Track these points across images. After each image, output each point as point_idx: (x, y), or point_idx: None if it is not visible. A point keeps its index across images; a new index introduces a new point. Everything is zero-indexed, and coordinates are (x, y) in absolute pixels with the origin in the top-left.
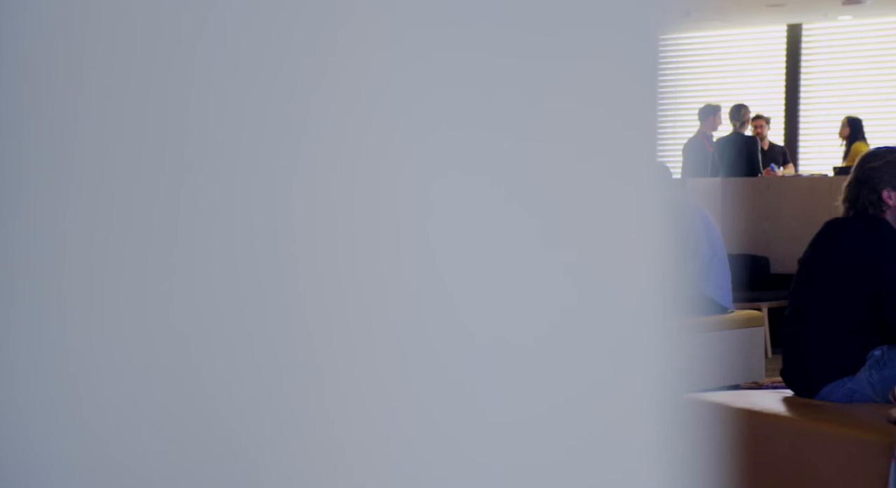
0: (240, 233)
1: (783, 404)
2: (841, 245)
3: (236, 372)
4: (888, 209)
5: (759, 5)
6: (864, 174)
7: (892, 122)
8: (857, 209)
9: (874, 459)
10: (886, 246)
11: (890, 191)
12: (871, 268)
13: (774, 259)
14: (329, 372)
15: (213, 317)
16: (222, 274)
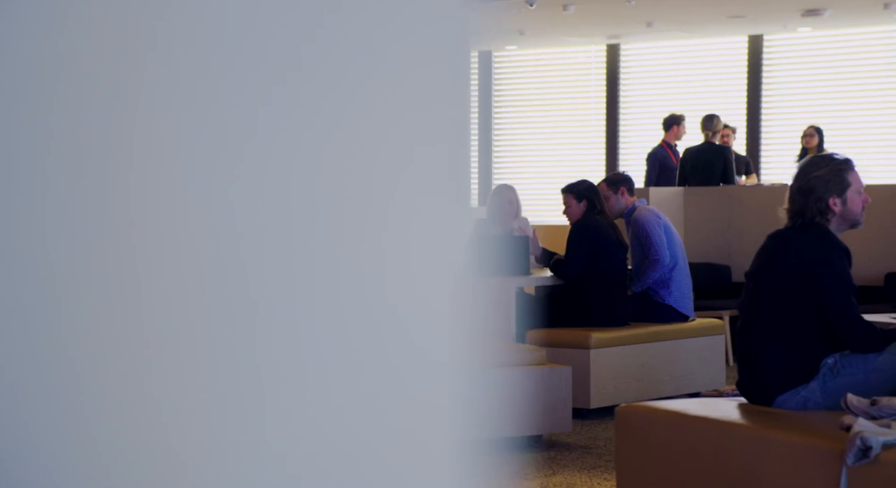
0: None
1: (738, 412)
2: (785, 256)
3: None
4: (833, 216)
5: (720, 16)
6: (808, 184)
7: (852, 131)
8: (804, 219)
9: (826, 466)
10: (828, 255)
11: (835, 199)
12: (815, 278)
13: (736, 267)
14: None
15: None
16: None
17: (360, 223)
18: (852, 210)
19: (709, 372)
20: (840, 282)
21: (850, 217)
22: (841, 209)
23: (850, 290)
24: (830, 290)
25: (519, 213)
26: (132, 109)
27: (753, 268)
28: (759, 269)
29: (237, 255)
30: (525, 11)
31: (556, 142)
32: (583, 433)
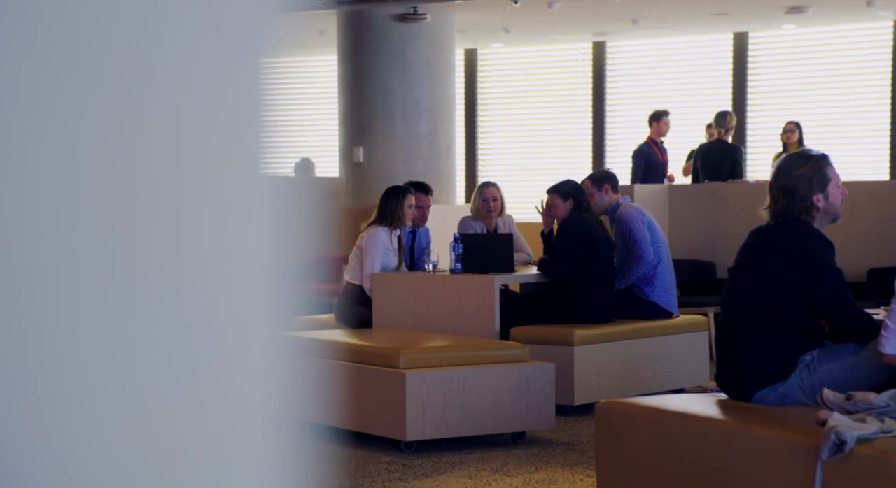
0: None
1: (716, 408)
2: (772, 252)
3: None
4: (817, 213)
5: (704, 14)
6: (790, 183)
7: (836, 128)
8: (788, 217)
9: (802, 460)
10: (819, 249)
11: (818, 195)
12: (808, 273)
13: (721, 264)
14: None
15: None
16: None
17: (161, 220)
18: (833, 204)
19: (692, 368)
20: (835, 273)
21: (831, 211)
22: (824, 204)
23: (844, 281)
24: (827, 283)
25: (503, 211)
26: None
27: (737, 263)
28: (744, 265)
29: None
30: (510, 9)
31: (542, 139)
32: (566, 429)
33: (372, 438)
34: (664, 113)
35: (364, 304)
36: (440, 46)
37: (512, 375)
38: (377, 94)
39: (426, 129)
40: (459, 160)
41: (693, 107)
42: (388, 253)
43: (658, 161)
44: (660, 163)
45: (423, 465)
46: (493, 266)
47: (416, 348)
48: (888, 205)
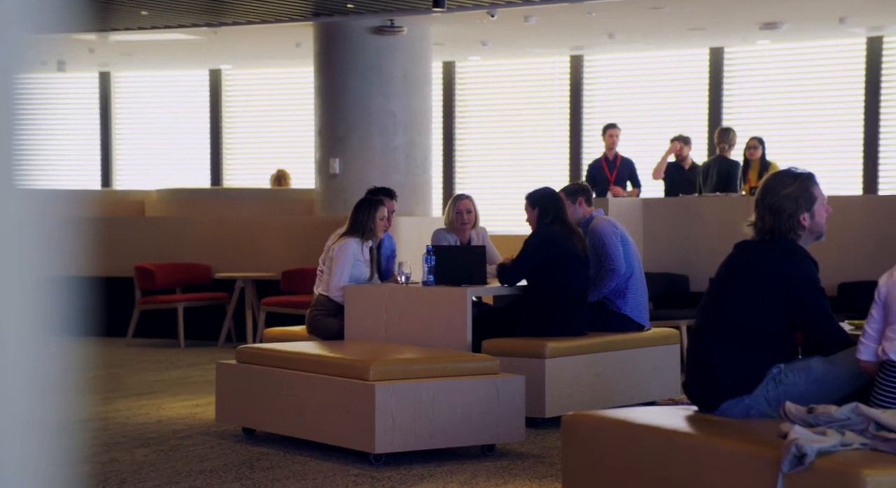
0: None
1: (681, 420)
2: (759, 268)
3: None
4: (803, 231)
5: (680, 29)
6: (778, 202)
7: (810, 143)
8: (774, 235)
9: (764, 472)
10: (807, 270)
11: (805, 214)
12: (794, 292)
13: (694, 277)
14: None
15: None
16: None
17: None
18: (819, 223)
19: (664, 381)
20: (820, 291)
21: (816, 229)
22: (810, 223)
23: (827, 299)
24: (812, 300)
25: (477, 223)
26: None
27: (720, 275)
28: (727, 277)
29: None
30: (487, 22)
31: (518, 152)
32: (536, 442)
33: (341, 450)
34: (609, 126)
35: (336, 316)
36: (417, 59)
37: (482, 388)
38: (354, 106)
39: (402, 142)
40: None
41: (669, 121)
42: (360, 264)
43: (603, 175)
44: (604, 178)
45: (391, 478)
46: (466, 278)
47: (385, 360)
48: (860, 219)
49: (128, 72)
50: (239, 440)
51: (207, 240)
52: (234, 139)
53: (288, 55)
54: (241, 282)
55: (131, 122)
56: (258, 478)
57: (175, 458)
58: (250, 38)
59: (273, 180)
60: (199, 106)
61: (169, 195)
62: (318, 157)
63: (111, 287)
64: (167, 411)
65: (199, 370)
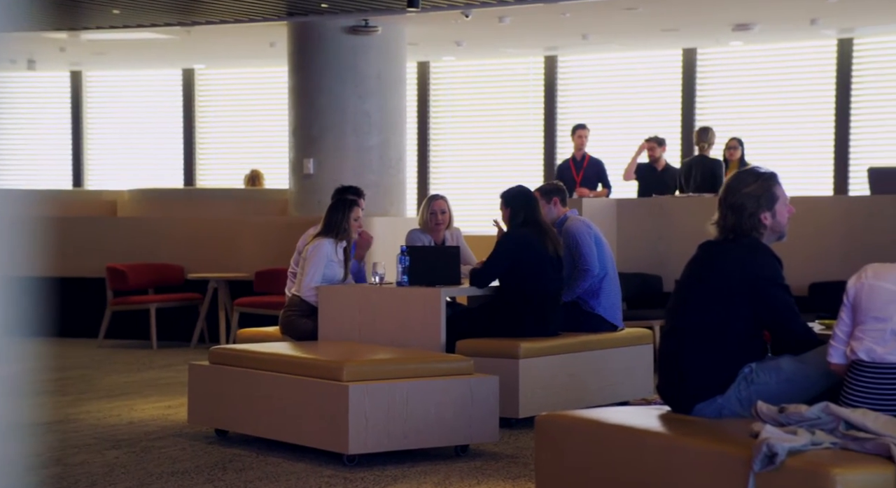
0: None
1: (654, 420)
2: (723, 267)
3: None
4: (765, 230)
5: (653, 30)
6: (739, 200)
7: (781, 144)
8: (737, 234)
9: (735, 472)
10: (771, 268)
11: (766, 213)
12: (758, 290)
13: (667, 278)
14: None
15: None
16: None
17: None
18: (780, 222)
19: (637, 381)
20: (784, 288)
21: (778, 229)
22: (771, 222)
23: (791, 297)
24: (776, 298)
25: (451, 224)
26: None
27: (685, 276)
28: (692, 278)
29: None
30: (462, 22)
31: (493, 152)
32: (510, 442)
33: (314, 451)
34: (578, 126)
35: (309, 317)
36: (392, 59)
37: (456, 388)
38: (328, 106)
39: (377, 142)
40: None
41: (643, 121)
42: (334, 264)
43: (570, 176)
44: (571, 179)
45: (364, 479)
46: (440, 279)
47: (359, 361)
48: (831, 220)
49: (100, 71)
50: (211, 441)
51: (180, 241)
52: (207, 139)
53: (262, 55)
54: (214, 282)
55: (103, 121)
56: (230, 480)
57: (146, 460)
58: (224, 38)
59: (247, 180)
60: (172, 105)
61: (141, 195)
62: (292, 158)
63: (82, 287)
64: (139, 412)
65: (171, 371)
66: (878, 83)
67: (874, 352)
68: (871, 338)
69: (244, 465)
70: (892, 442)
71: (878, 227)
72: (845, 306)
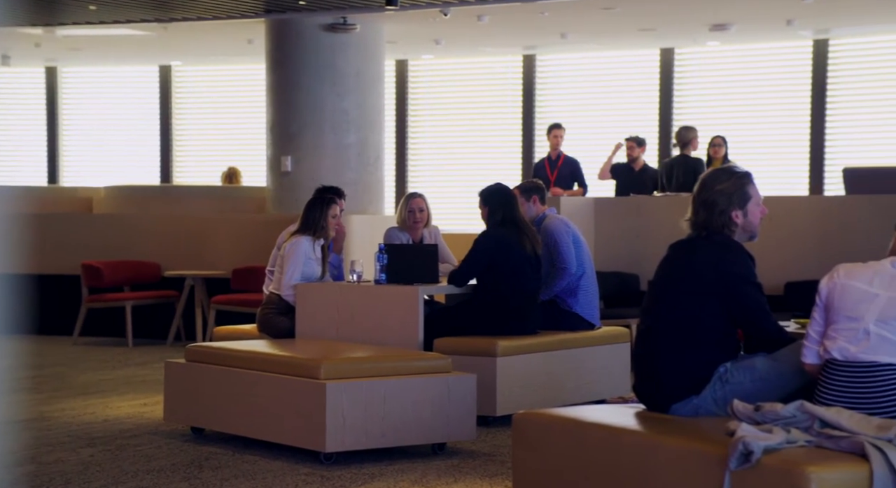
0: None
1: (631, 418)
2: (695, 265)
3: None
4: (736, 228)
5: (631, 29)
6: (711, 197)
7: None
8: (709, 230)
9: (711, 470)
10: (743, 263)
11: (737, 211)
12: (731, 287)
13: (644, 276)
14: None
15: None
16: None
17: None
18: (752, 222)
19: (614, 379)
20: (756, 286)
21: (749, 228)
22: (742, 221)
23: (763, 295)
24: (748, 296)
25: (429, 222)
26: None
27: (658, 276)
28: (665, 277)
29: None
30: (440, 21)
31: (471, 151)
32: (487, 441)
33: (291, 450)
34: (553, 126)
35: (287, 315)
36: (370, 57)
37: (433, 386)
38: (306, 104)
39: (355, 140)
40: (389, 171)
41: (620, 121)
42: (312, 262)
43: (544, 175)
44: (545, 178)
45: (341, 477)
46: (418, 277)
47: (337, 359)
48: (806, 219)
49: (75, 67)
50: (187, 439)
51: (157, 238)
52: (184, 136)
53: (239, 52)
54: (190, 280)
55: (79, 118)
56: (207, 478)
57: (122, 458)
58: (201, 35)
59: (224, 178)
60: (149, 102)
61: (117, 192)
62: (270, 155)
63: (58, 285)
64: (114, 410)
65: (147, 369)
66: (854, 84)
67: (847, 350)
68: (845, 337)
69: (220, 463)
70: (867, 440)
71: (852, 227)
72: (818, 306)
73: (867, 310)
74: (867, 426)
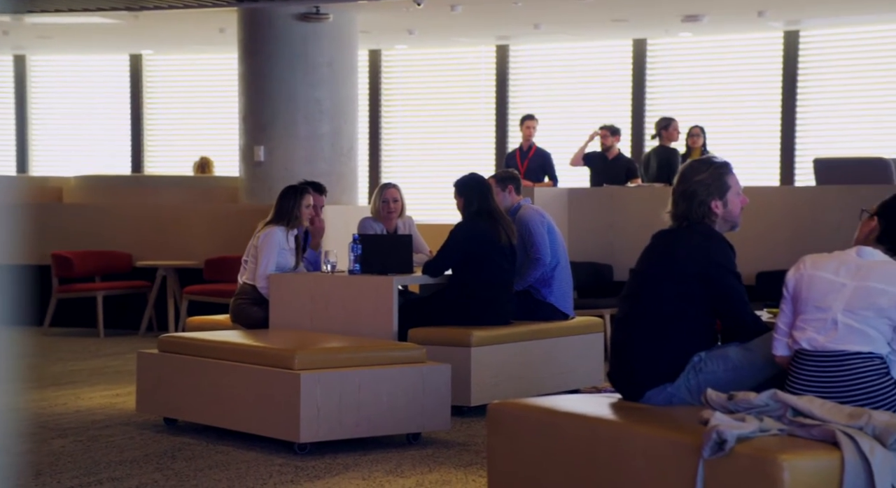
0: None
1: (605, 408)
2: (677, 254)
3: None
4: (717, 217)
5: (604, 19)
6: (691, 187)
7: (730, 134)
8: (690, 221)
9: (685, 459)
10: (724, 255)
11: (717, 201)
12: (712, 276)
13: (618, 267)
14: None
15: None
16: None
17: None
18: (732, 211)
19: (588, 369)
20: (736, 276)
21: (729, 218)
22: (722, 211)
23: (742, 285)
24: (728, 285)
25: (403, 212)
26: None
27: (640, 264)
28: (648, 266)
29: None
30: (413, 11)
31: (445, 141)
32: (462, 430)
33: (264, 440)
34: (526, 117)
35: (260, 305)
36: (343, 47)
37: (408, 376)
38: (279, 94)
39: (328, 130)
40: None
41: (594, 111)
42: (286, 252)
43: (514, 165)
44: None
45: (316, 467)
46: (392, 267)
47: (311, 349)
48: (777, 209)
49: (44, 55)
50: (160, 430)
51: (128, 228)
52: (155, 125)
53: (211, 41)
54: (162, 270)
55: (48, 106)
56: (180, 469)
57: (93, 449)
58: (172, 23)
59: (196, 167)
60: (120, 91)
61: (88, 182)
62: (243, 145)
63: (28, 275)
64: (85, 401)
65: (119, 359)
66: (824, 75)
67: (816, 341)
68: (814, 327)
69: (194, 454)
70: (838, 428)
71: (823, 217)
72: (785, 298)
73: (835, 300)
74: (839, 414)
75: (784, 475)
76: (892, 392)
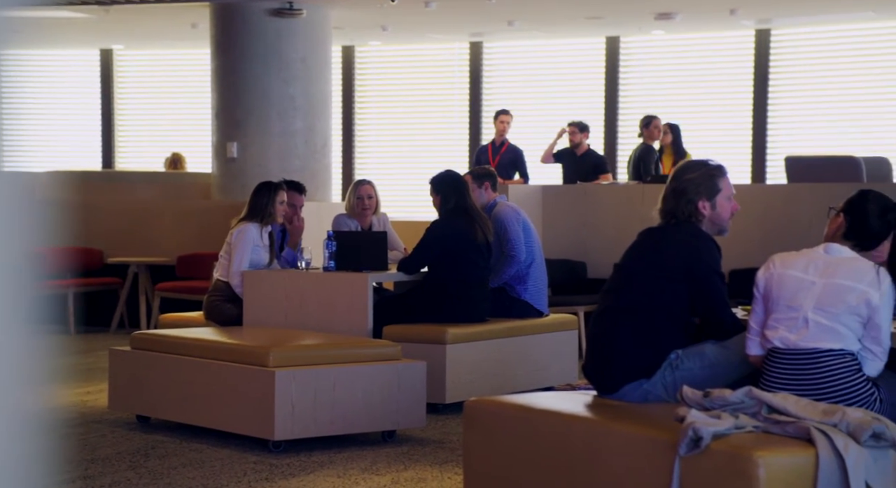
0: None
1: (581, 405)
2: (663, 251)
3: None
4: (703, 218)
5: (578, 17)
6: (681, 186)
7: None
8: (677, 219)
9: (661, 455)
10: (710, 254)
11: (704, 202)
12: (697, 275)
13: (591, 264)
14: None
15: None
16: None
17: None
18: (721, 215)
19: (562, 366)
20: (720, 276)
21: (718, 221)
22: (710, 213)
23: (725, 285)
24: (713, 284)
25: (378, 209)
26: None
27: (625, 260)
28: (633, 262)
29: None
30: (387, 7)
31: (418, 138)
32: (437, 428)
33: (239, 438)
34: (500, 112)
35: (234, 302)
36: (316, 43)
37: (383, 374)
38: (252, 90)
39: (302, 126)
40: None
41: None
42: (259, 249)
43: (485, 160)
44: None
45: (290, 465)
46: (367, 264)
47: (286, 346)
48: (749, 208)
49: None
50: (133, 428)
51: (99, 225)
52: (126, 121)
53: (183, 36)
54: (134, 267)
55: (17, 101)
56: (153, 466)
57: (66, 447)
58: (144, 18)
59: (168, 164)
60: (90, 86)
61: (58, 177)
62: (216, 141)
63: None
64: (57, 399)
65: (91, 357)
66: (795, 73)
67: (788, 339)
68: (785, 326)
69: (167, 451)
70: (813, 425)
71: (794, 215)
72: (756, 299)
73: (805, 298)
74: (813, 411)
75: (759, 471)
76: (864, 388)
